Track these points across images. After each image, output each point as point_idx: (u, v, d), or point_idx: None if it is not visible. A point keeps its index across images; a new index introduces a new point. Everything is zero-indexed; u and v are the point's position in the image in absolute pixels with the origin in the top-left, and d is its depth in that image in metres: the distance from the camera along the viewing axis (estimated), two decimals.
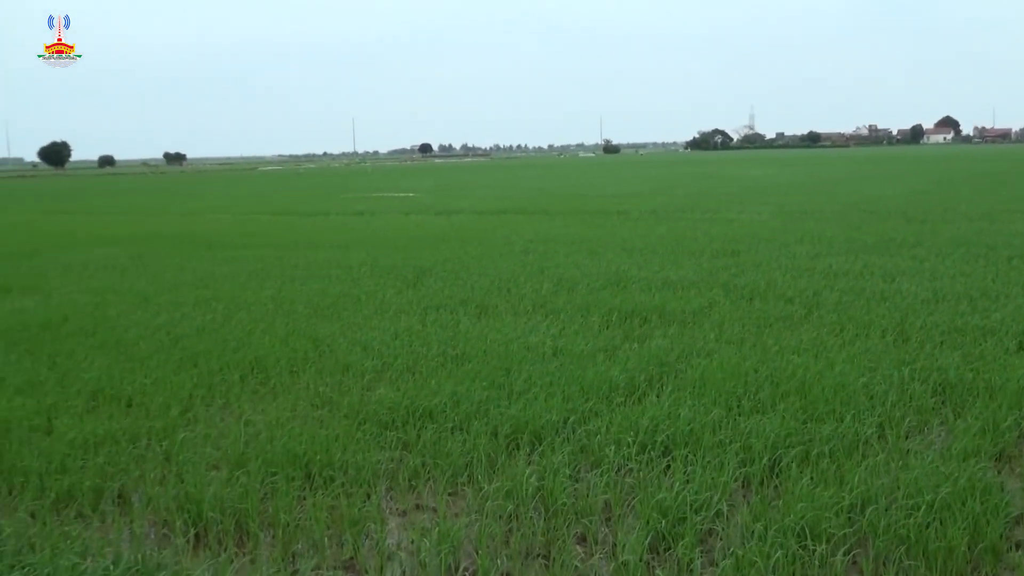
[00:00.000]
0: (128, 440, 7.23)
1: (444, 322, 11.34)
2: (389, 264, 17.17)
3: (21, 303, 14.01)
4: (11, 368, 9.56)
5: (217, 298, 13.82)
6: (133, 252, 21.29)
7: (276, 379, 9.00)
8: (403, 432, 7.31)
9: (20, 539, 5.55)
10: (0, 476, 6.69)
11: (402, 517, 6.07)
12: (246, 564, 5.37)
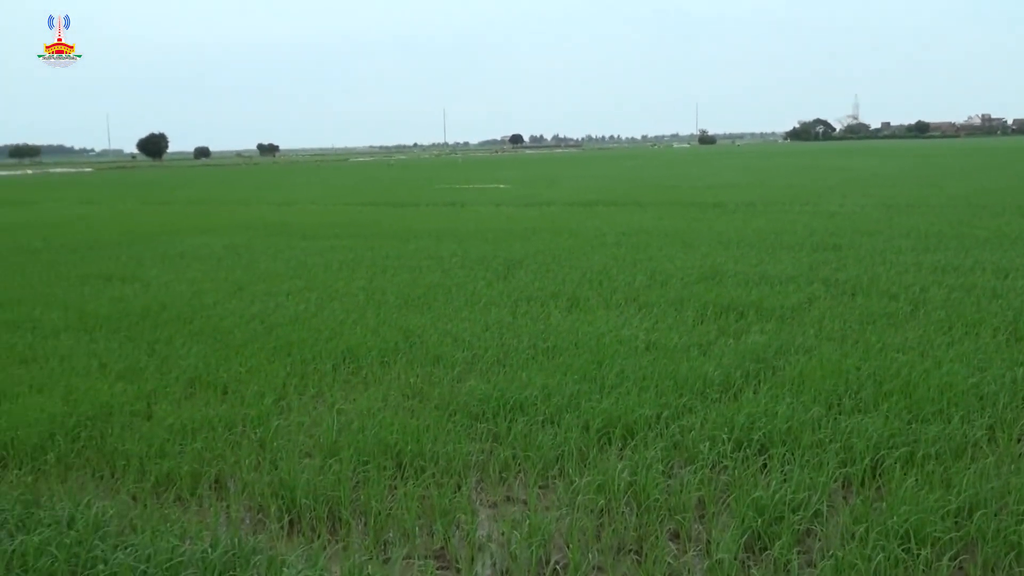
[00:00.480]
0: (224, 427, 7.34)
1: (535, 314, 11.29)
2: (480, 255, 17.19)
3: (122, 291, 14.37)
4: (113, 354, 9.80)
5: (310, 288, 13.99)
6: (228, 242, 21.71)
7: (368, 369, 9.06)
8: (493, 424, 7.28)
9: (122, 520, 5.67)
10: (103, 459, 6.86)
11: (492, 509, 6.04)
12: (339, 551, 5.39)
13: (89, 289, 14.64)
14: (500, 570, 5.23)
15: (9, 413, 7.70)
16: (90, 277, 16.14)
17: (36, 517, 5.62)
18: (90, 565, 4.98)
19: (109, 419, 7.58)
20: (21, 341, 10.70)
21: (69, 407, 7.81)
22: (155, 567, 4.82)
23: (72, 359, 9.66)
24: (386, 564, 5.22)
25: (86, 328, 11.34)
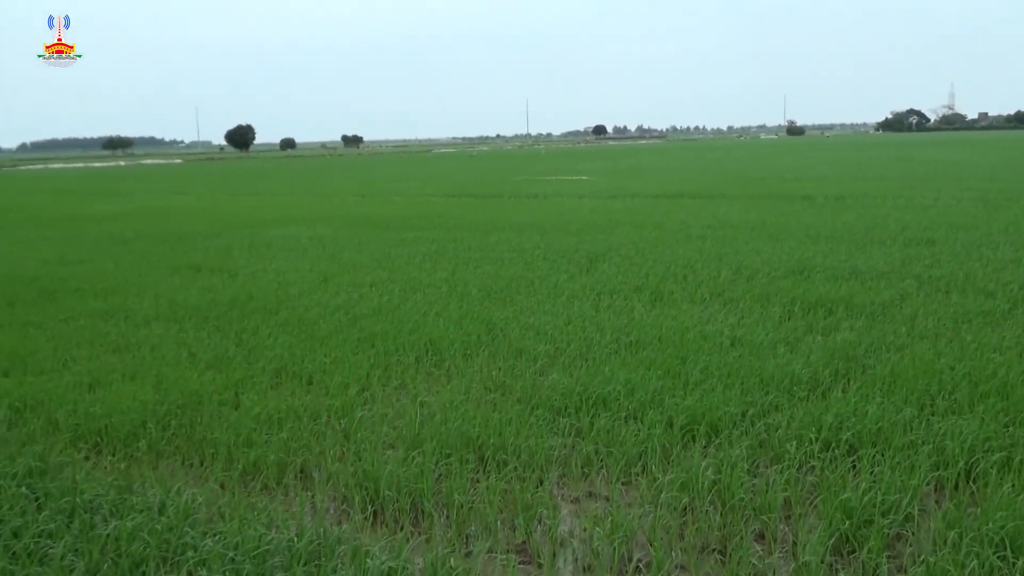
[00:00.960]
0: (309, 417, 7.44)
1: (618, 308, 11.22)
2: (562, 248, 17.15)
3: (210, 281, 14.67)
4: (202, 344, 10.00)
5: (393, 279, 14.11)
6: (313, 233, 22.01)
7: (450, 361, 9.10)
8: (576, 419, 7.25)
9: (211, 508, 5.78)
10: (193, 447, 7.00)
11: (574, 504, 6.02)
12: (421, 543, 5.42)
13: (179, 279, 14.98)
14: (582, 566, 5.20)
15: (103, 400, 7.91)
16: (180, 267, 16.52)
17: (129, 503, 5.75)
18: (180, 551, 5.08)
19: (198, 408, 7.74)
20: (114, 330, 10.99)
21: (160, 395, 7.99)
22: (243, 555, 4.90)
23: (163, 348, 9.88)
24: (468, 557, 5.23)
25: (176, 318, 11.60)
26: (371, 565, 4.82)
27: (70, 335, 10.81)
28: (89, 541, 5.21)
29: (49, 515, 5.55)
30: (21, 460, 6.47)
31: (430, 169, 73.81)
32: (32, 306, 12.88)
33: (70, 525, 5.48)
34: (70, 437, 7.25)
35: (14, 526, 5.39)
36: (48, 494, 5.93)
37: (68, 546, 5.12)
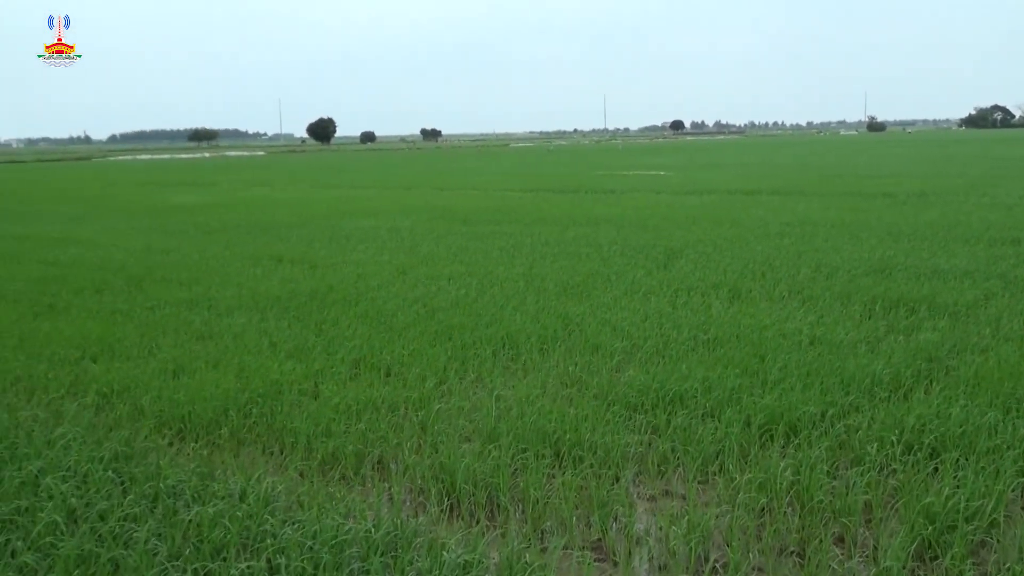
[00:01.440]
0: (387, 408, 7.51)
1: (695, 305, 11.12)
2: (639, 244, 17.05)
3: (291, 272, 14.89)
4: (283, 334, 10.16)
5: (470, 273, 14.17)
6: (392, 225, 22.21)
7: (526, 356, 9.10)
8: (652, 416, 7.21)
9: (290, 497, 5.87)
10: (273, 435, 7.12)
11: (650, 502, 5.98)
12: (497, 537, 5.44)
13: (261, 270, 15.23)
14: (658, 565, 5.17)
15: (187, 387, 8.08)
16: (262, 258, 16.80)
17: (211, 489, 5.86)
18: (260, 539, 5.17)
19: (279, 397, 7.86)
20: (198, 318, 11.23)
21: (242, 383, 8.14)
22: (321, 544, 4.96)
23: (245, 337, 10.06)
24: (544, 553, 5.23)
25: (258, 307, 11.80)
26: (447, 558, 4.85)
27: (156, 323, 11.07)
28: (172, 526, 5.32)
29: (134, 499, 5.68)
30: (108, 445, 6.64)
31: (507, 163, 73.95)
32: (120, 294, 13.22)
33: (154, 510, 5.60)
34: (155, 423, 7.43)
35: (100, 509, 5.53)
36: (133, 478, 6.08)
37: (152, 530, 5.23)
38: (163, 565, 4.85)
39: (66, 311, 12.09)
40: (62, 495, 5.68)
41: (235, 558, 4.95)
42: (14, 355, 9.58)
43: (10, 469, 6.13)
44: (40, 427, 7.17)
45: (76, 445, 6.64)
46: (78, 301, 12.69)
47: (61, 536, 5.16)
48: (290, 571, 4.72)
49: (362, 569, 4.84)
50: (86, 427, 7.18)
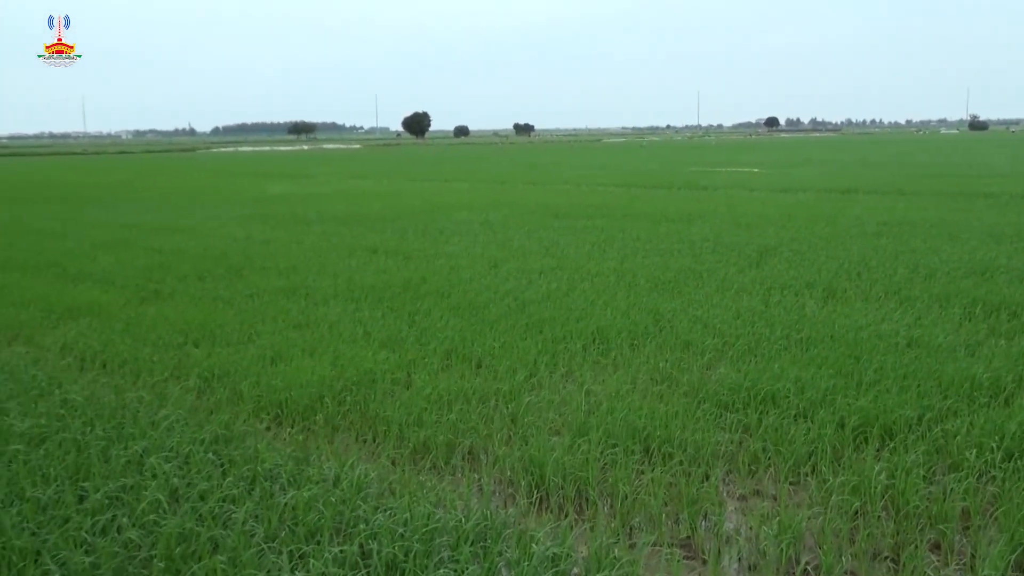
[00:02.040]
0: (478, 399, 7.59)
1: (788, 304, 10.97)
2: (732, 241, 16.87)
3: (385, 263, 15.10)
4: (377, 323, 10.32)
5: (562, 267, 14.19)
6: (484, 219, 22.34)
7: (617, 351, 9.10)
8: (743, 415, 7.15)
9: (382, 484, 5.97)
10: (366, 423, 7.25)
11: (741, 502, 5.95)
12: (586, 531, 5.46)
13: (356, 260, 15.48)
14: (748, 565, 5.14)
15: (284, 374, 8.28)
16: (357, 249, 17.07)
17: (306, 474, 6.01)
18: (352, 524, 5.27)
19: (372, 385, 8.00)
20: (295, 307, 11.47)
21: (337, 371, 8.30)
22: (412, 531, 5.04)
23: (340, 326, 10.25)
24: (632, 549, 5.24)
25: (353, 297, 12.01)
26: (536, 550, 4.89)
27: (255, 310, 11.35)
28: (268, 508, 5.47)
29: (232, 481, 5.85)
30: (208, 427, 6.85)
31: (600, 158, 73.73)
32: (221, 281, 13.59)
33: (251, 492, 5.76)
34: (253, 408, 7.63)
35: (201, 489, 5.70)
36: (232, 461, 6.25)
37: (249, 512, 5.38)
38: (260, 546, 4.98)
39: (170, 297, 12.47)
40: (165, 475, 5.88)
41: (329, 542, 5.06)
42: (121, 338, 9.93)
43: (117, 448, 6.37)
44: (145, 408, 7.42)
45: (179, 427, 6.86)
46: (182, 288, 13.08)
47: (164, 514, 5.34)
48: (382, 557, 4.82)
49: (452, 558, 4.91)
50: (188, 410, 7.41)
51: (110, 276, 14.33)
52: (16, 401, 7.58)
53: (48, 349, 9.89)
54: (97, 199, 33.46)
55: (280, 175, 52.28)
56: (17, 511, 5.35)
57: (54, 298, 12.40)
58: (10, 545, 4.92)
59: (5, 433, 6.73)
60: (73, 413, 7.23)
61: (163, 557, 4.84)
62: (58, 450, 6.36)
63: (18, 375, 8.44)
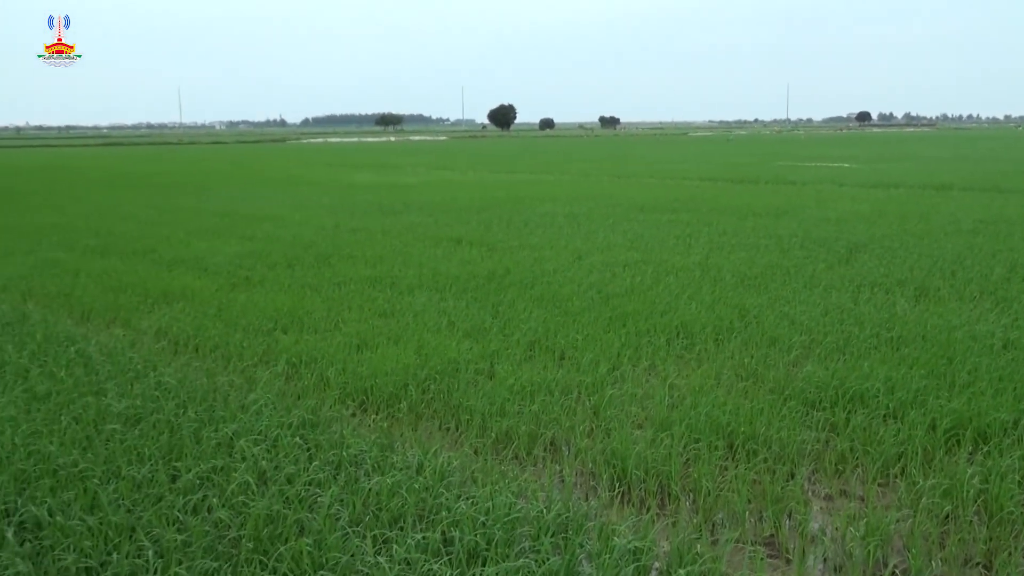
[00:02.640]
0: (561, 391, 7.59)
1: (878, 302, 10.74)
2: (820, 237, 16.57)
3: (470, 254, 15.18)
4: (460, 313, 10.39)
5: (646, 261, 14.11)
6: (569, 211, 22.31)
7: (701, 346, 9.02)
8: (830, 413, 7.03)
9: (464, 473, 6.02)
10: (449, 412, 7.31)
11: (827, 502, 5.85)
12: (668, 526, 5.43)
13: (441, 250, 15.59)
14: (833, 566, 5.05)
15: (369, 361, 8.39)
16: (442, 239, 17.20)
17: (390, 460, 6.08)
18: (435, 511, 5.32)
19: (456, 375, 8.05)
20: (381, 295, 11.61)
21: (421, 360, 8.38)
22: (493, 520, 5.07)
23: (424, 315, 10.34)
24: (714, 545, 5.19)
25: (437, 287, 12.10)
26: (617, 543, 4.87)
27: (342, 298, 11.51)
28: (353, 493, 5.54)
29: (319, 465, 5.94)
30: (296, 412, 6.97)
31: (685, 152, 73.06)
32: (310, 269, 13.81)
33: (336, 476, 5.85)
34: (339, 394, 7.74)
35: (288, 473, 5.81)
36: (318, 445, 6.36)
37: (334, 496, 5.46)
38: (344, 530, 5.05)
39: (260, 284, 12.72)
40: (254, 457, 6.01)
41: (412, 528, 5.11)
42: (213, 323, 10.16)
43: (208, 430, 6.52)
44: (235, 392, 7.59)
45: (267, 411, 7.00)
46: (271, 275, 13.33)
47: (252, 496, 5.46)
48: (463, 545, 4.85)
49: (533, 548, 4.93)
50: (276, 394, 7.55)
51: (203, 263, 14.67)
52: (114, 382, 7.81)
53: (144, 332, 10.17)
54: (192, 187, 34.28)
55: (367, 165, 52.91)
56: (114, 488, 5.52)
57: (150, 283, 12.74)
58: (107, 521, 5.07)
59: (103, 412, 6.94)
60: (167, 395, 7.42)
61: (251, 537, 4.94)
62: (152, 430, 6.54)
63: (116, 357, 8.70)
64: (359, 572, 4.66)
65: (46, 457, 6.00)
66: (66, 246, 17.35)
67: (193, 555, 4.73)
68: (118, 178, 42.49)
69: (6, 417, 6.79)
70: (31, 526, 5.20)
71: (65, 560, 4.70)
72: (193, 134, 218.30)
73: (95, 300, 11.76)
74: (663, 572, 4.85)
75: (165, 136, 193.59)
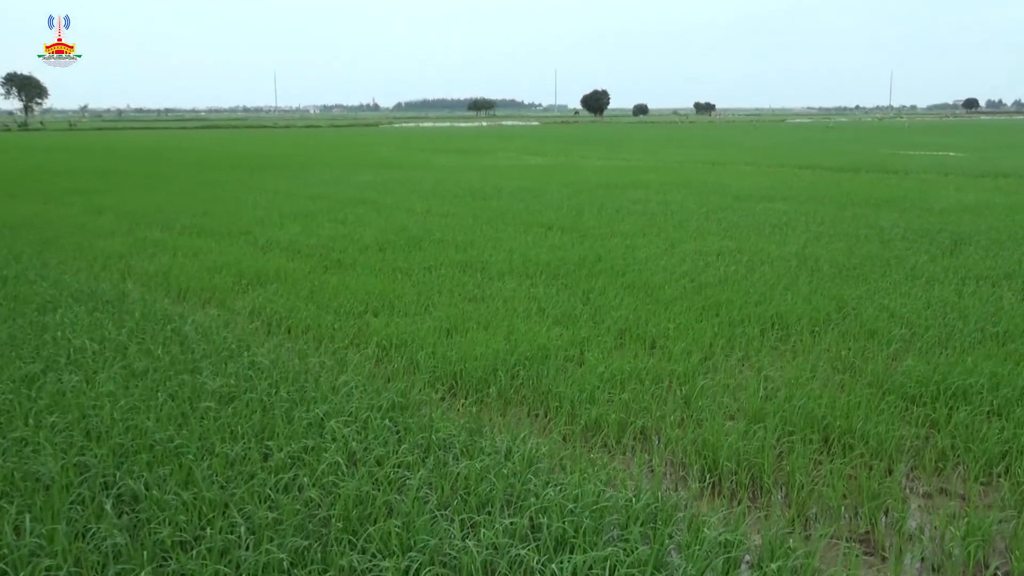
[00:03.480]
0: (651, 380, 7.49)
1: (984, 296, 10.38)
2: (923, 227, 16.11)
3: (561, 240, 15.12)
4: (551, 300, 10.34)
5: (740, 249, 13.88)
6: (662, 199, 22.09)
7: (796, 337, 8.83)
8: (931, 409, 6.81)
9: (553, 459, 5.98)
10: (538, 398, 7.27)
11: (925, 499, 5.67)
12: (760, 519, 5.32)
13: (531, 236, 15.56)
14: (931, 565, 4.88)
15: (459, 345, 8.40)
16: (533, 225, 17.17)
17: (478, 445, 6.07)
18: (523, 497, 5.29)
19: (545, 361, 8.01)
20: (471, 280, 11.63)
21: (510, 346, 8.35)
22: (582, 508, 5.02)
23: (514, 301, 10.32)
24: (808, 540, 5.07)
25: (527, 273, 12.07)
26: (707, 535, 4.78)
27: (432, 282, 11.56)
28: (442, 477, 5.55)
29: (408, 448, 5.96)
30: (386, 395, 7.01)
31: (783, 139, 71.77)
32: (401, 253, 13.91)
33: (425, 460, 5.86)
34: (428, 378, 7.77)
35: (378, 455, 5.84)
36: (407, 428, 6.38)
37: (423, 479, 5.47)
38: (433, 513, 5.06)
39: (352, 267, 12.86)
40: (344, 438, 6.06)
41: (499, 513, 5.09)
42: (305, 305, 10.30)
43: (299, 410, 6.60)
44: (326, 373, 7.67)
45: (357, 393, 7.05)
46: (363, 258, 13.46)
47: (342, 476, 5.50)
48: (551, 531, 4.81)
49: (621, 537, 4.86)
50: (366, 377, 7.61)
51: (296, 245, 14.90)
52: (209, 361, 7.96)
53: (238, 312, 10.37)
54: (286, 170, 34.86)
55: (459, 150, 53.17)
56: (208, 464, 5.62)
57: (245, 264, 12.98)
58: (201, 496, 5.17)
59: (198, 390, 7.08)
60: (260, 375, 7.54)
61: (341, 517, 4.98)
62: (245, 409, 6.65)
63: (211, 336, 8.87)
64: (447, 555, 4.66)
65: (143, 432, 6.14)
66: (164, 226, 17.80)
67: (284, 532, 4.78)
68: (215, 160, 43.45)
69: (105, 392, 6.97)
70: (128, 499, 5.32)
71: (160, 533, 4.79)
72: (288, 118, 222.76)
73: (191, 280, 12.03)
74: (754, 566, 4.74)
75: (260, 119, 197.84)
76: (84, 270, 12.92)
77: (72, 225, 17.96)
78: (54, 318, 9.54)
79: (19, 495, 5.26)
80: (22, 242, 15.70)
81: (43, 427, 6.29)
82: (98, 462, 5.69)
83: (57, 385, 7.19)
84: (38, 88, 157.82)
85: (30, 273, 12.35)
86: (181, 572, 4.48)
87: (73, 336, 8.76)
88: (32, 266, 12.99)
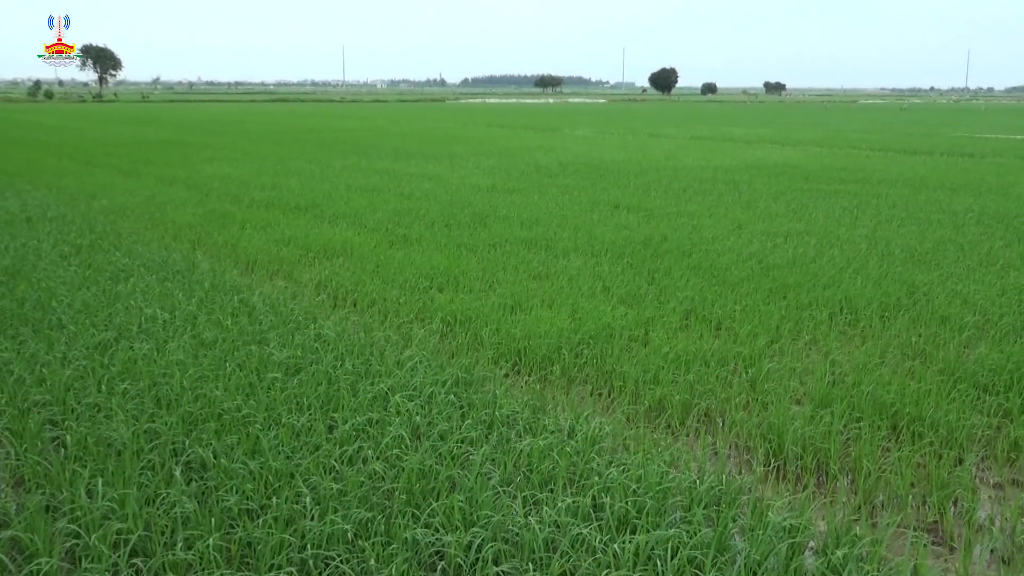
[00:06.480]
0: (717, 362, 7.43)
1: None
2: (998, 212, 15.75)
3: (627, 219, 15.04)
4: (616, 279, 10.29)
5: (809, 232, 13.68)
6: (729, 179, 21.85)
7: (865, 322, 8.69)
8: (1004, 398, 6.66)
9: (616, 439, 5.97)
10: (602, 377, 7.25)
11: (996, 490, 5.56)
12: (825, 505, 5.26)
13: (597, 215, 15.49)
14: (1001, 557, 4.79)
15: (523, 323, 8.40)
16: (599, 203, 17.09)
17: (541, 423, 6.08)
18: (586, 476, 5.29)
19: (609, 340, 7.98)
20: (536, 258, 11.62)
21: (575, 324, 8.34)
22: (645, 489, 5.00)
23: (579, 280, 10.29)
24: (874, 528, 4.99)
25: (592, 252, 12.03)
26: (772, 519, 4.73)
27: (497, 259, 11.57)
28: (504, 453, 5.56)
29: (471, 424, 5.99)
30: (450, 370, 7.04)
31: (854, 120, 70.47)
32: (466, 229, 13.93)
33: (488, 436, 5.88)
34: (492, 354, 7.78)
35: (441, 430, 5.88)
36: (471, 404, 6.41)
37: (486, 455, 5.49)
38: (496, 489, 5.08)
39: (417, 242, 12.92)
40: (408, 412, 6.10)
41: (562, 491, 5.10)
42: (371, 279, 10.38)
43: (364, 383, 6.66)
44: (391, 348, 7.72)
45: (422, 368, 7.09)
46: (428, 234, 13.51)
47: (406, 450, 5.55)
48: (614, 511, 4.80)
49: (684, 519, 4.84)
50: (431, 352, 7.65)
51: (362, 219, 15.00)
52: (276, 332, 8.06)
53: (305, 285, 10.48)
54: (353, 144, 35.06)
55: (525, 127, 53.04)
56: (274, 435, 5.70)
57: (312, 237, 13.11)
58: (267, 466, 5.24)
59: (265, 361, 7.18)
60: (326, 347, 7.62)
61: (404, 491, 5.02)
62: (311, 381, 6.72)
63: (278, 308, 8.98)
64: (509, 532, 4.68)
65: (212, 401, 6.25)
66: (233, 198, 18.03)
67: (348, 504, 4.83)
68: (284, 133, 43.84)
69: (175, 361, 7.09)
70: (197, 466, 5.42)
71: (227, 501, 4.87)
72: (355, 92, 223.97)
73: (259, 252, 12.18)
74: (819, 552, 4.69)
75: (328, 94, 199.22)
76: (156, 240, 13.16)
77: (144, 196, 18.27)
78: (126, 287, 9.73)
79: (92, 459, 5.39)
80: (96, 211, 16.02)
81: (115, 394, 6.44)
82: (168, 429, 5.80)
83: (129, 353, 7.34)
84: (112, 60, 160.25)
85: (104, 242, 12.61)
86: (247, 540, 4.55)
87: (144, 305, 8.93)
88: (106, 235, 13.26)
